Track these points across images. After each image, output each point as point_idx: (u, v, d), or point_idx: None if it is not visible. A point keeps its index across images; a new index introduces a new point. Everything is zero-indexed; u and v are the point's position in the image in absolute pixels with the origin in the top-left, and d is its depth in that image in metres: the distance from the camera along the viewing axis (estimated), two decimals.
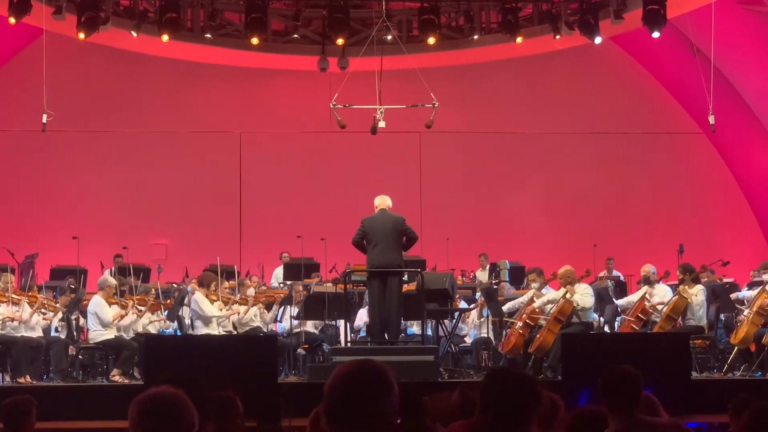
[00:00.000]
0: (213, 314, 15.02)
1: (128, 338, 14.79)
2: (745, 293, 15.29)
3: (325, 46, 20.81)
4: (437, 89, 17.59)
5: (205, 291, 15.24)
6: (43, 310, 14.96)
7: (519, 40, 19.57)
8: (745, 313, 14.53)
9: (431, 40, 19.16)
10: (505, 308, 15.51)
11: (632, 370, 5.93)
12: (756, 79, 21.80)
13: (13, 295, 14.64)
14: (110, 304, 14.84)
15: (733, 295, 15.60)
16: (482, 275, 19.85)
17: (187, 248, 22.82)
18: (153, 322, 15.70)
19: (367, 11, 20.15)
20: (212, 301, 15.21)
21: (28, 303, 14.62)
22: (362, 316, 16.20)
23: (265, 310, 16.12)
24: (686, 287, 14.60)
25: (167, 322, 16.00)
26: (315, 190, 23.72)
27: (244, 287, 16.47)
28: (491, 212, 23.98)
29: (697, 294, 14.60)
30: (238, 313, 15.59)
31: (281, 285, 18.59)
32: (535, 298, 14.84)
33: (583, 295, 14.43)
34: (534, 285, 15.21)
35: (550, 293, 14.90)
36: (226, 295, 15.59)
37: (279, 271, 19.56)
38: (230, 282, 17.00)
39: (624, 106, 24.33)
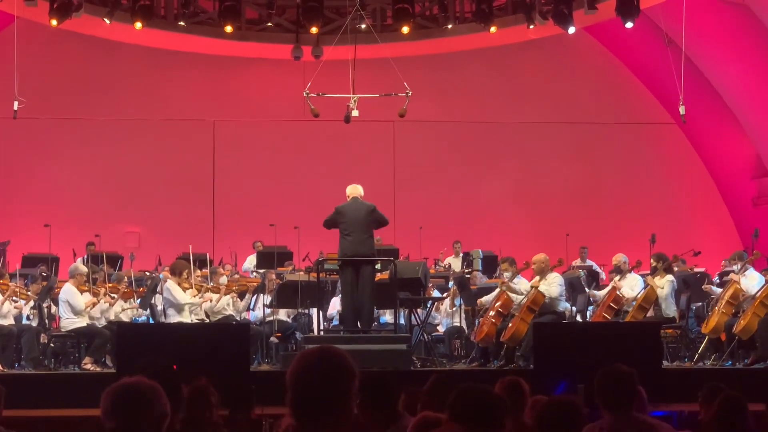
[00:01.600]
0: (185, 302, 14.98)
1: (100, 326, 14.74)
2: (719, 290, 15.36)
3: (299, 34, 20.79)
4: (411, 78, 17.59)
5: (178, 279, 15.21)
6: (14, 298, 14.90)
7: (493, 29, 19.57)
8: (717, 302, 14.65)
9: (405, 30, 19.16)
10: (483, 299, 15.53)
11: (628, 369, 5.94)
12: (728, 69, 21.89)
13: None
14: (82, 291, 14.78)
15: (705, 287, 15.68)
16: (455, 262, 19.89)
17: (159, 236, 22.75)
18: (125, 310, 15.65)
19: (341, 0, 20.13)
20: (184, 289, 15.17)
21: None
22: (335, 305, 16.20)
23: (238, 299, 16.11)
24: (656, 279, 14.69)
25: (140, 310, 15.98)
26: (288, 178, 23.69)
27: (217, 275, 16.45)
28: (464, 201, 24.00)
29: (663, 287, 14.68)
30: (211, 301, 15.57)
31: (254, 273, 18.58)
32: (505, 288, 14.83)
33: (551, 284, 14.47)
34: (506, 274, 15.24)
35: (522, 284, 14.91)
36: (199, 283, 15.56)
37: (252, 259, 19.53)
38: (203, 270, 16.96)
39: (597, 96, 24.38)
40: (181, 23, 20.28)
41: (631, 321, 14.46)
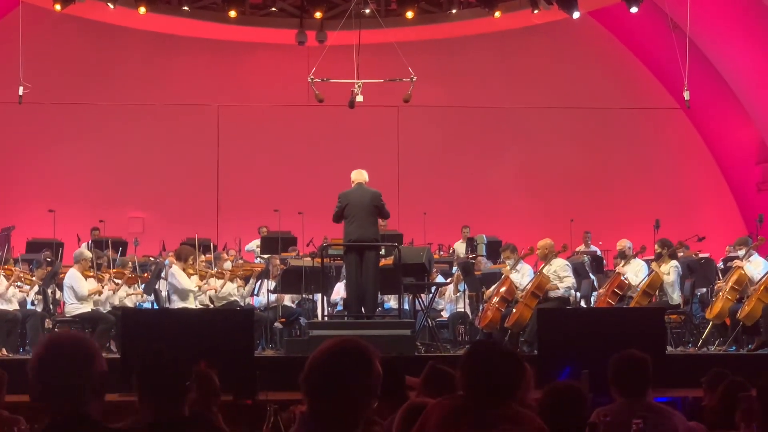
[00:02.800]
0: (190, 288, 15.00)
1: (105, 311, 14.76)
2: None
3: (303, 19, 20.76)
4: (415, 63, 17.57)
5: (183, 264, 15.22)
6: (18, 283, 14.92)
7: (497, 14, 19.56)
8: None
9: (409, 14, 19.14)
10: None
11: (642, 354, 5.92)
12: (733, 54, 21.84)
13: None
14: (86, 277, 14.79)
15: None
16: (461, 247, 19.85)
17: (164, 221, 22.77)
18: (130, 296, 15.67)
19: None
20: (189, 275, 15.19)
21: (4, 276, 14.58)
22: (339, 290, 16.20)
23: (243, 284, 16.10)
24: (659, 265, 14.68)
25: (144, 295, 15.99)
26: (292, 164, 23.68)
27: (221, 261, 16.44)
28: (469, 187, 23.99)
29: (669, 273, 14.68)
30: (216, 291, 15.60)
31: (258, 258, 18.58)
32: (511, 276, 14.84)
33: (564, 278, 14.49)
34: (508, 262, 15.23)
35: (524, 272, 14.91)
36: (203, 269, 15.57)
37: (256, 242, 19.51)
38: (207, 255, 16.97)
39: (601, 81, 24.34)
40: (185, 8, 20.26)
41: (636, 306, 14.45)
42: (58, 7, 17.84)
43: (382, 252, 14.69)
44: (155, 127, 23.55)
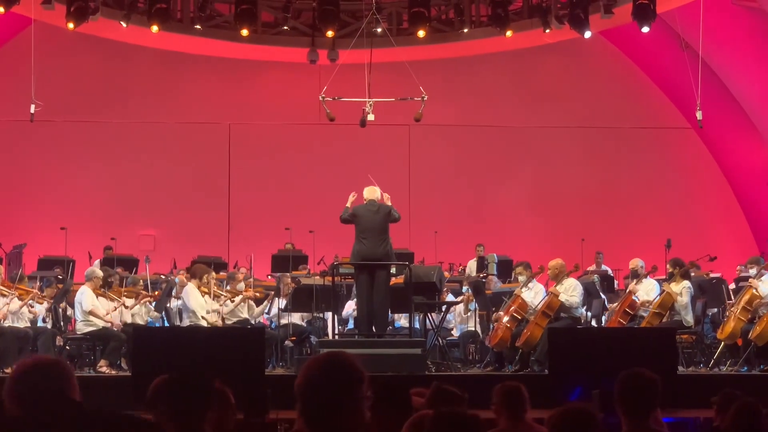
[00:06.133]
0: (203, 307, 15.03)
1: (116, 329, 14.77)
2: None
3: (315, 38, 20.80)
4: (427, 82, 17.60)
5: (197, 282, 15.23)
6: (30, 302, 14.93)
7: (509, 33, 19.57)
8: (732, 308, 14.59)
9: (421, 33, 19.15)
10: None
11: (651, 374, 5.85)
12: (744, 74, 21.83)
13: (3, 288, 14.58)
14: (97, 295, 14.80)
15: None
16: (474, 265, 19.78)
17: (175, 239, 22.80)
18: (134, 314, 15.64)
19: (357, 3, 20.14)
20: (203, 294, 15.20)
21: (18, 297, 14.57)
22: (350, 305, 16.21)
23: (253, 303, 16.10)
24: (672, 285, 14.63)
25: (155, 313, 15.99)
26: (303, 182, 23.71)
27: (235, 281, 16.41)
28: (480, 206, 23.99)
29: (682, 294, 14.62)
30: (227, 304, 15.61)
31: (269, 276, 18.60)
32: (523, 293, 14.80)
33: (571, 295, 14.41)
34: (521, 279, 15.21)
35: (537, 290, 14.85)
36: (218, 290, 15.55)
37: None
38: (218, 273, 16.97)
39: (613, 100, 24.35)
40: (198, 26, 20.32)
41: (647, 327, 14.40)
42: (71, 25, 17.91)
43: (393, 271, 14.67)
44: (167, 144, 23.61)
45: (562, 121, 24.03)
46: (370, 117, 17.18)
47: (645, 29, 17.90)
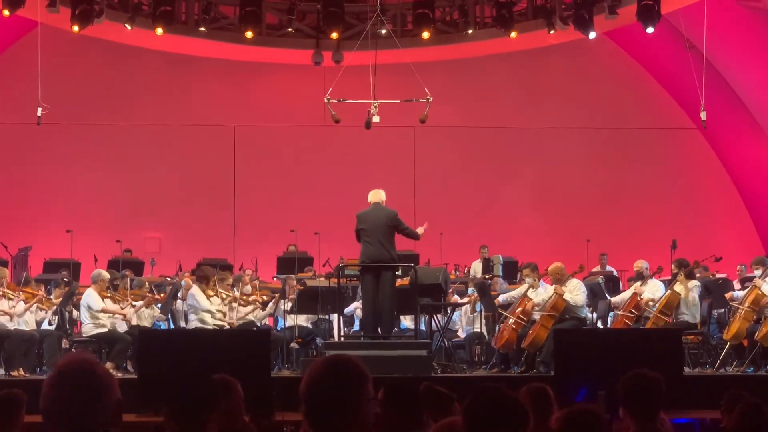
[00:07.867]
0: (210, 309, 15.03)
1: (121, 331, 14.79)
2: (740, 294, 15.28)
3: (320, 40, 20.82)
4: (431, 84, 17.59)
5: (204, 285, 15.24)
6: (36, 305, 14.94)
7: (513, 34, 19.59)
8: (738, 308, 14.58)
9: (426, 35, 19.17)
10: (501, 298, 15.54)
11: (655, 374, 5.84)
12: (749, 74, 21.82)
13: (9, 291, 14.60)
14: (103, 298, 14.81)
15: (728, 295, 15.58)
16: (478, 266, 19.79)
17: (180, 242, 22.80)
18: (144, 315, 15.67)
19: (361, 5, 20.17)
20: (209, 296, 15.20)
21: (24, 301, 14.59)
22: (355, 304, 16.23)
23: (260, 306, 16.10)
24: (682, 282, 14.62)
25: (160, 315, 16.00)
26: (309, 184, 23.71)
27: (242, 284, 16.39)
28: (485, 207, 23.97)
29: (692, 289, 14.63)
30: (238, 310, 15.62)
31: (274, 278, 18.60)
32: (529, 294, 14.80)
33: (575, 294, 14.42)
34: (528, 280, 15.19)
35: (547, 291, 14.84)
36: (226, 293, 15.53)
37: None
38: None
39: (617, 101, 24.34)
40: (202, 29, 20.33)
41: (653, 327, 14.39)
42: (76, 28, 17.94)
43: (399, 272, 14.67)
44: (172, 147, 23.62)
45: (568, 122, 24.01)
46: (375, 119, 17.18)
47: (649, 30, 17.90)
